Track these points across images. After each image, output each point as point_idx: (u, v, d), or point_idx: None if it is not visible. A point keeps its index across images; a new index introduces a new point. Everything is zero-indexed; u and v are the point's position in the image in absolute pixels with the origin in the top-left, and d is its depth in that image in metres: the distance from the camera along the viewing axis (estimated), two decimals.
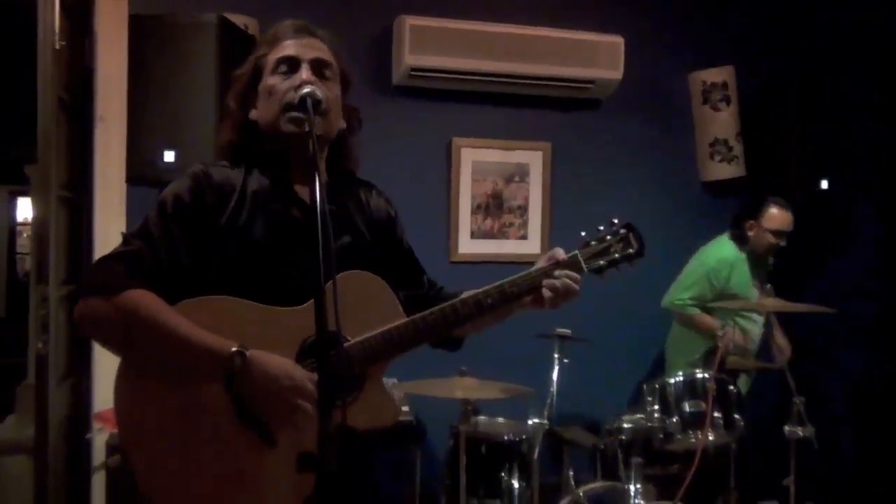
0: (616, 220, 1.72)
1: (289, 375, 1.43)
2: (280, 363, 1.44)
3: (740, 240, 3.69)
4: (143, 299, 1.44)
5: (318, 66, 1.57)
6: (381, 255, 1.67)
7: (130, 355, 1.48)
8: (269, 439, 1.46)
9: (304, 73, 1.54)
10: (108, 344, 1.50)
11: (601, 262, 1.68)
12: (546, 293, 1.60)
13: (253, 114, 1.61)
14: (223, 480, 1.45)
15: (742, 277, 3.66)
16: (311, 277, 1.46)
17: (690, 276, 3.70)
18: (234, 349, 1.41)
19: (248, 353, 1.42)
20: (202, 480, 1.45)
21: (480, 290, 1.60)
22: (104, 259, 1.51)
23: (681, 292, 3.69)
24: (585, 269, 1.65)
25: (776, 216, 3.62)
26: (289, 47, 1.58)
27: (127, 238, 1.52)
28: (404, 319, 1.56)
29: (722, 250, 3.72)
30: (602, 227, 1.71)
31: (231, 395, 1.44)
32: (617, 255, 1.69)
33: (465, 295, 1.60)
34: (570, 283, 1.61)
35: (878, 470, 3.85)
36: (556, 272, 1.61)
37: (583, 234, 1.70)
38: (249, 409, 1.45)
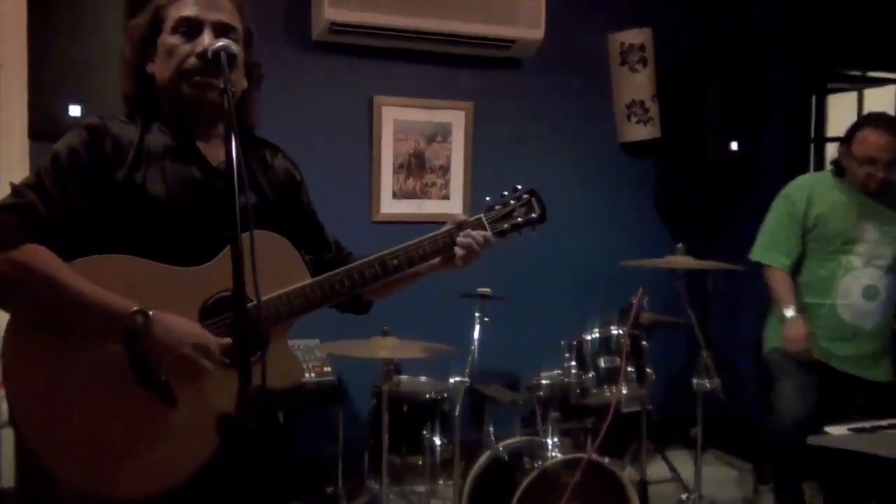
0: (520, 186, 1.76)
1: (192, 333, 1.42)
2: (183, 322, 1.43)
3: (838, 170, 3.10)
4: (39, 255, 1.38)
5: (221, 30, 1.50)
6: (285, 216, 1.65)
7: (23, 312, 1.42)
8: (168, 400, 1.43)
9: (207, 37, 1.48)
10: (1, 301, 1.43)
11: (504, 226, 1.72)
12: (458, 251, 1.64)
13: (150, 67, 1.54)
14: (119, 441, 1.42)
15: (833, 208, 3.04)
16: (209, 237, 1.46)
17: (765, 223, 3.19)
18: (135, 308, 1.38)
19: (150, 313, 1.39)
20: (100, 443, 1.41)
21: (387, 252, 1.61)
22: None
23: (759, 241, 3.18)
24: (489, 232, 1.69)
25: (866, 139, 2.95)
26: (192, 6, 1.51)
27: (18, 189, 1.44)
28: (309, 281, 1.55)
29: (799, 179, 3.22)
30: (506, 192, 1.75)
31: (130, 354, 1.40)
32: (520, 220, 1.73)
33: (371, 257, 1.61)
34: (480, 239, 1.65)
35: None
36: (465, 232, 1.65)
37: (487, 198, 1.74)
38: (149, 368, 1.42)
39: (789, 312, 3.03)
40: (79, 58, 2.64)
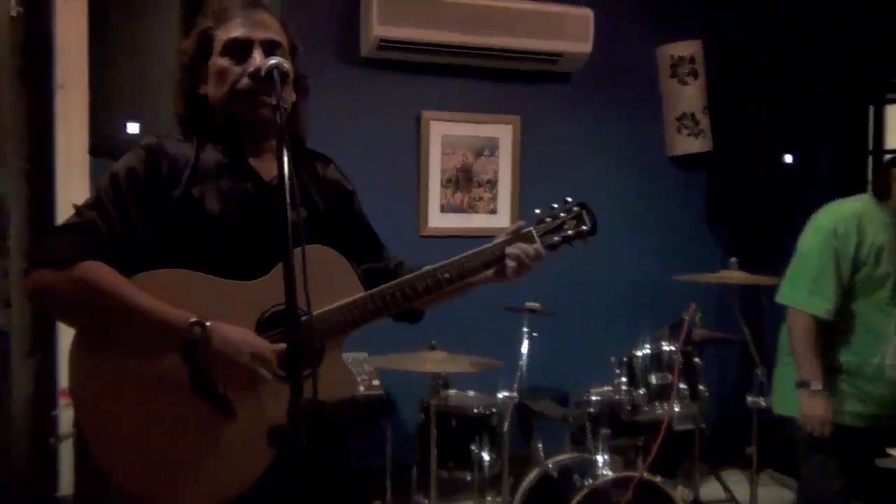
0: (570, 199, 1.75)
1: (248, 343, 1.43)
2: (239, 332, 1.44)
3: (881, 192, 2.66)
4: (98, 271, 1.41)
5: (269, 48, 1.53)
6: (338, 228, 1.66)
7: (86, 328, 1.45)
8: (226, 411, 1.45)
9: (258, 57, 1.51)
10: (64, 316, 1.47)
11: (555, 239, 1.71)
12: (509, 263, 1.64)
13: (203, 89, 1.57)
14: (181, 453, 1.44)
15: (886, 241, 2.60)
16: (264, 252, 1.47)
17: (802, 260, 2.70)
18: (192, 319, 1.40)
19: (207, 323, 1.41)
20: (160, 454, 1.44)
21: (438, 265, 1.62)
22: (56, 230, 1.48)
23: (797, 283, 2.67)
24: (539, 245, 1.68)
25: None
26: (239, 27, 1.53)
27: (79, 209, 1.48)
28: (362, 294, 1.56)
29: (838, 207, 2.72)
30: (556, 205, 1.74)
31: (189, 366, 1.42)
32: (570, 232, 1.72)
33: (423, 270, 1.62)
34: (532, 252, 1.65)
35: None
36: (516, 244, 1.66)
37: (537, 211, 1.73)
38: (207, 379, 1.44)
39: (815, 386, 2.56)
40: (135, 77, 2.71)
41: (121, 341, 1.44)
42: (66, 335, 3.22)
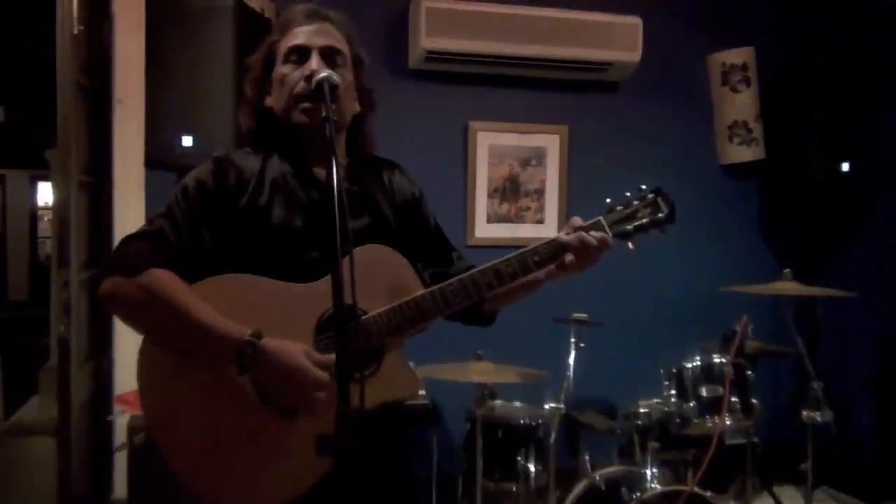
0: (644, 186, 1.66)
1: (300, 369, 1.42)
2: (292, 354, 1.42)
3: None
4: (163, 279, 1.45)
5: (328, 54, 1.57)
6: (409, 234, 1.68)
7: (152, 334, 1.50)
8: (289, 415, 1.48)
9: (314, 62, 1.54)
10: (131, 322, 1.51)
11: (627, 227, 1.63)
12: (568, 257, 1.56)
13: (268, 101, 1.62)
14: (247, 456, 1.47)
15: None
16: (328, 255, 1.48)
17: None
18: (246, 338, 1.41)
19: (259, 343, 1.41)
20: (227, 456, 1.47)
21: (500, 260, 1.58)
22: (129, 238, 1.53)
23: None
24: (610, 234, 1.60)
25: None
26: (299, 35, 1.58)
27: (151, 218, 1.54)
28: (422, 291, 1.56)
29: None
30: (629, 193, 1.66)
31: (248, 376, 1.46)
32: (645, 220, 1.64)
33: (485, 265, 1.59)
34: (595, 241, 1.56)
35: None
36: (579, 234, 1.58)
37: (608, 200, 1.65)
38: (266, 391, 1.47)
39: None
40: (190, 92, 2.78)
41: (185, 350, 1.48)
42: (121, 342, 3.31)
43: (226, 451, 1.47)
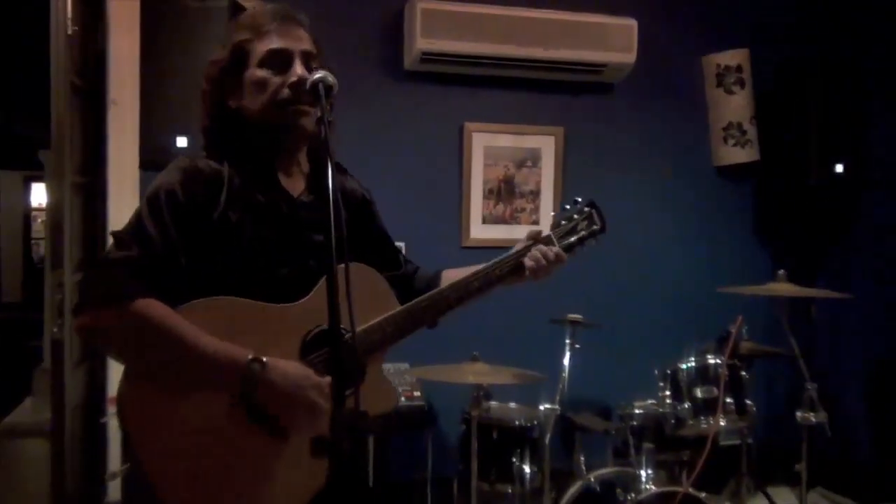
0: (580, 199, 1.79)
1: (306, 376, 1.43)
2: (295, 366, 1.44)
3: None
4: (151, 308, 1.39)
5: (307, 59, 1.54)
6: (359, 238, 1.65)
7: (140, 364, 1.43)
8: (280, 434, 1.45)
9: (298, 67, 1.51)
10: (118, 354, 1.45)
11: (571, 240, 1.76)
12: (528, 262, 1.68)
13: (232, 101, 1.56)
14: (235, 478, 1.44)
15: None
16: (302, 272, 1.49)
17: None
18: (250, 357, 1.39)
19: (266, 359, 1.40)
20: (215, 479, 1.44)
21: (467, 275, 1.66)
22: (102, 266, 1.46)
23: None
24: (559, 248, 1.72)
25: None
26: (277, 39, 1.53)
27: (121, 239, 1.44)
28: (399, 308, 1.59)
29: None
30: (568, 206, 1.79)
31: (246, 399, 1.42)
32: (584, 233, 1.77)
33: (452, 280, 1.66)
34: (551, 255, 1.69)
35: (892, 457, 3.84)
36: (536, 247, 1.71)
37: (552, 214, 1.79)
38: (262, 410, 1.43)
39: None
40: (185, 93, 2.78)
41: (175, 375, 1.42)
42: None
43: (214, 474, 1.43)
